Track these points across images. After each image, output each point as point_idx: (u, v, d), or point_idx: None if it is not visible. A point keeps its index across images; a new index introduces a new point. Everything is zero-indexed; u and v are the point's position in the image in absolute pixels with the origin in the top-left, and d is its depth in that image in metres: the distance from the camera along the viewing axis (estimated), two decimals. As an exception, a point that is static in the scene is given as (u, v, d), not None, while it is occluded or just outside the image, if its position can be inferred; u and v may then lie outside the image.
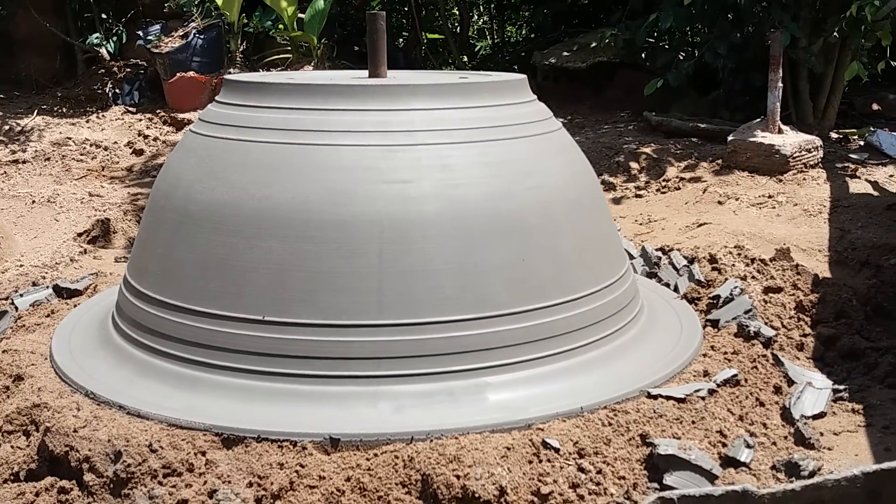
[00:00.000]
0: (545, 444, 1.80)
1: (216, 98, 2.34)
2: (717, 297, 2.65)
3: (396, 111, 2.10)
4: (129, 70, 6.45)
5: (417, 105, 2.12)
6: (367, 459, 1.77)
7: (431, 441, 1.79)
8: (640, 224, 3.90)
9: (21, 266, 3.18)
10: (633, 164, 4.63)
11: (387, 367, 1.95)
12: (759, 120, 4.52)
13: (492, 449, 1.77)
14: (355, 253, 1.98)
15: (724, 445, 1.93)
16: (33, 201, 4.01)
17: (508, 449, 1.77)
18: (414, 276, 1.98)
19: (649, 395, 2.02)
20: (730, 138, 4.48)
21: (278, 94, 2.15)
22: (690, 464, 1.80)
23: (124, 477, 1.77)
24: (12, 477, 1.88)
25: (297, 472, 1.75)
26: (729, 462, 1.89)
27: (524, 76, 2.42)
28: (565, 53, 6.35)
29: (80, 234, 3.53)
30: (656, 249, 3.17)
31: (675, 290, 2.82)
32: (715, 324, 2.51)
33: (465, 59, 7.85)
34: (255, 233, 2.02)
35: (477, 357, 1.99)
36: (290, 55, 6.42)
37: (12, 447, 1.92)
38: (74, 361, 2.18)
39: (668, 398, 2.01)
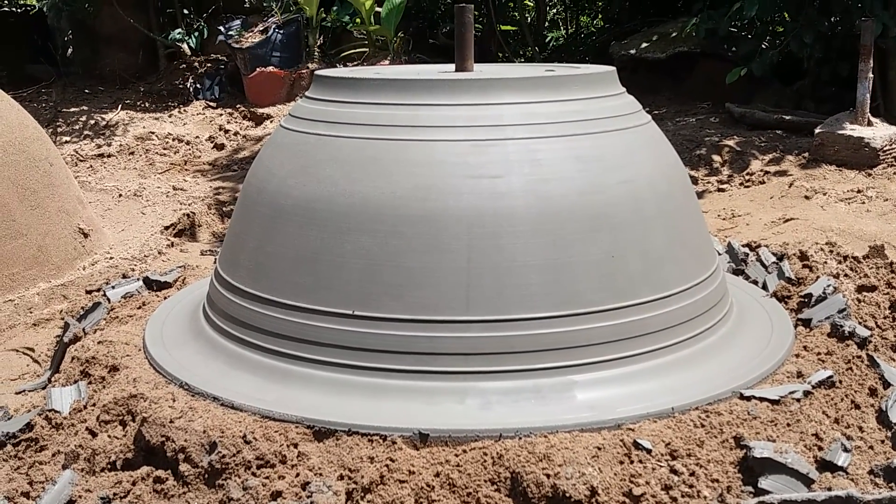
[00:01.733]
0: (636, 445, 1.77)
1: (306, 94, 2.37)
2: (809, 295, 2.57)
3: (486, 105, 2.09)
4: (209, 65, 6.58)
5: (507, 99, 2.11)
6: (456, 455, 1.77)
7: (520, 439, 1.78)
8: (724, 219, 3.82)
9: (111, 258, 3.28)
10: (716, 157, 4.54)
11: (474, 363, 1.94)
12: (847, 112, 4.38)
13: (582, 448, 1.75)
14: (444, 248, 1.98)
15: (820, 449, 1.88)
16: (120, 195, 4.13)
17: (599, 449, 1.75)
18: (502, 272, 1.97)
19: (742, 397, 1.98)
20: (817, 131, 4.35)
21: (369, 89, 2.16)
22: (786, 467, 1.76)
23: (219, 468, 1.80)
24: (109, 466, 1.93)
25: (387, 466, 1.76)
26: (825, 466, 1.83)
27: (613, 68, 2.39)
28: (644, 44, 6.25)
29: (166, 228, 3.61)
30: (743, 245, 3.10)
31: (764, 287, 2.75)
32: (807, 323, 2.44)
33: (538, 49, 7.79)
34: (346, 227, 2.03)
35: (564, 355, 1.97)
36: (367, 49, 6.46)
37: (109, 436, 1.98)
38: (168, 353, 2.24)
39: (762, 400, 1.96)
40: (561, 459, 1.72)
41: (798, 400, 1.98)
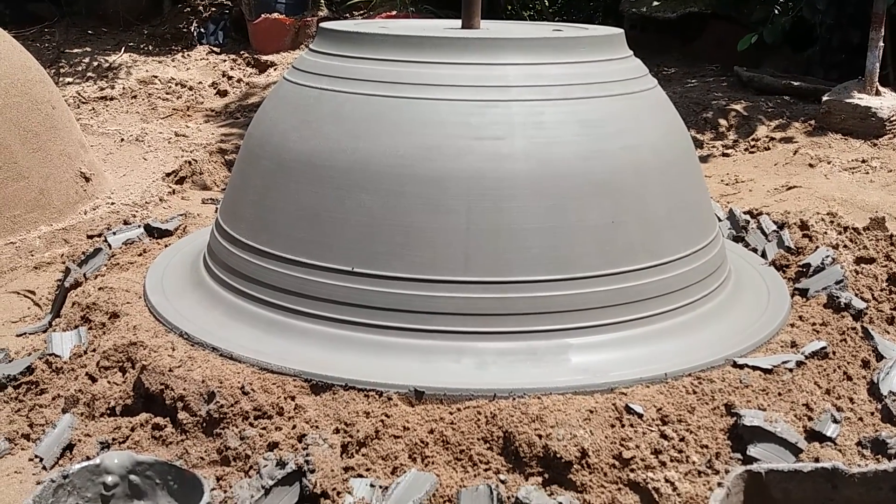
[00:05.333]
0: (628, 409, 1.80)
1: (310, 46, 2.35)
2: (808, 265, 2.58)
3: (491, 66, 2.08)
4: (214, 9, 6.51)
5: (512, 60, 2.09)
6: (451, 413, 1.80)
7: (514, 399, 1.80)
8: (727, 184, 3.81)
9: (112, 204, 3.28)
10: (722, 122, 4.51)
11: (471, 323, 1.96)
12: (855, 80, 4.34)
13: (574, 411, 1.77)
14: (444, 209, 1.98)
15: (810, 419, 1.90)
16: (122, 139, 4.12)
17: (591, 412, 1.78)
18: (502, 234, 1.98)
19: (735, 365, 2.00)
20: (824, 98, 4.32)
21: (373, 44, 2.14)
22: (775, 436, 1.78)
23: (217, 417, 1.83)
24: (109, 411, 1.96)
25: (382, 421, 1.79)
26: (814, 436, 1.86)
27: (621, 31, 2.37)
28: (655, 3, 6.17)
29: (168, 175, 3.61)
30: (744, 213, 3.10)
31: (763, 256, 2.76)
32: (804, 293, 2.45)
33: (548, 3, 7.68)
34: (347, 184, 2.04)
35: (560, 318, 1.99)
36: (374, -2, 6.39)
37: (109, 382, 2.00)
38: (168, 301, 2.25)
39: (755, 368, 1.98)
40: (553, 421, 1.75)
41: (790, 370, 2.00)
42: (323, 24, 2.34)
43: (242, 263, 2.18)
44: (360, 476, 1.72)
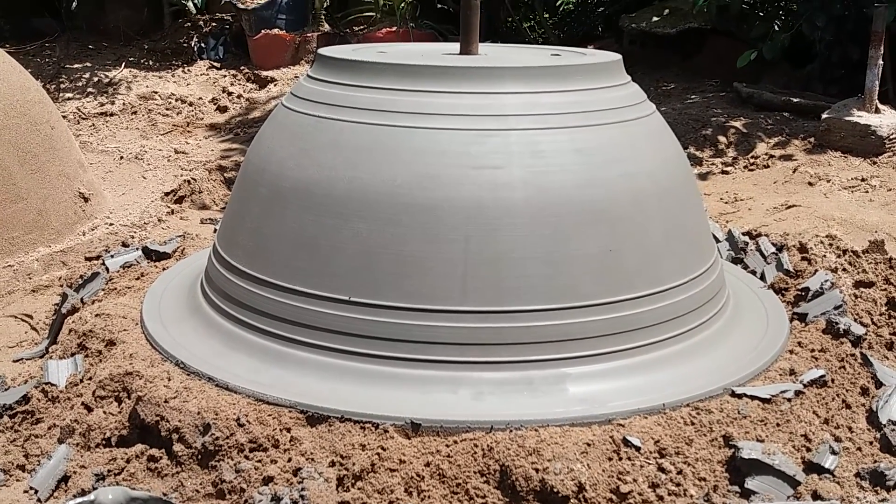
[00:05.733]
0: (626, 442, 1.79)
1: (308, 72, 2.35)
2: (807, 289, 2.57)
3: (489, 94, 2.08)
4: (214, 24, 6.52)
5: (510, 88, 2.09)
6: (447, 446, 1.79)
7: (511, 431, 1.80)
8: (726, 203, 3.81)
9: (111, 224, 3.28)
10: (721, 138, 4.51)
11: (468, 353, 1.96)
12: (855, 98, 4.34)
13: (572, 444, 1.77)
14: (442, 238, 1.98)
15: (809, 450, 1.89)
16: (121, 157, 4.12)
17: (588, 445, 1.77)
18: (499, 263, 1.98)
19: (733, 394, 1.99)
20: (824, 116, 4.32)
21: (371, 73, 2.14)
22: (774, 469, 1.77)
23: (212, 449, 1.82)
24: (104, 442, 1.95)
25: (378, 454, 1.78)
26: (812, 468, 1.85)
27: (619, 57, 2.37)
28: (655, 18, 6.17)
29: (166, 194, 3.61)
30: (743, 234, 3.09)
31: (762, 278, 2.75)
32: (802, 318, 2.44)
33: (548, 15, 7.70)
34: (344, 213, 2.03)
35: (558, 347, 1.98)
36: (374, 13, 6.39)
37: (104, 412, 2.00)
38: (165, 329, 2.25)
39: (753, 398, 1.98)
40: (550, 454, 1.74)
41: (789, 399, 1.99)
42: (321, 51, 2.34)
43: (239, 291, 2.18)
44: (356, 510, 1.71)
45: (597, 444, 1.78)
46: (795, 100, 4.96)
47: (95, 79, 5.67)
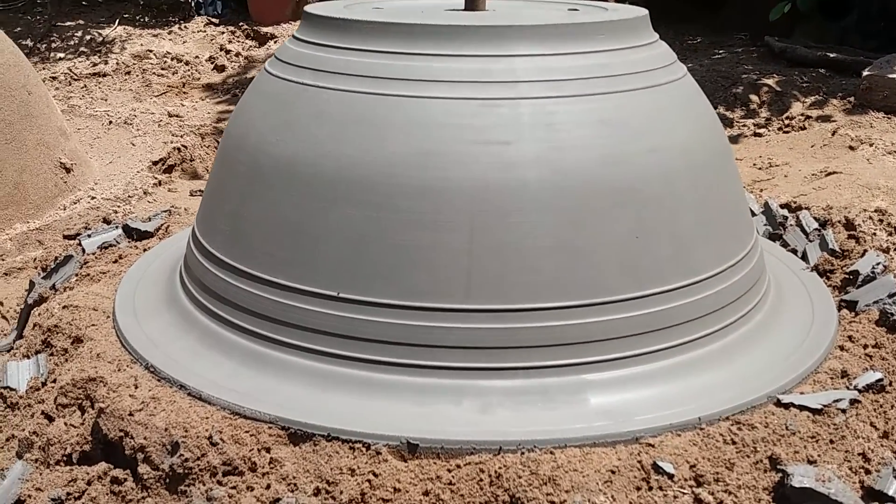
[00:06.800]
0: (656, 468, 1.54)
1: (294, 33, 2.07)
2: (856, 273, 2.29)
3: (497, 57, 1.80)
4: (214, -23, 6.19)
5: (521, 51, 1.81)
6: (449, 471, 1.55)
7: (523, 454, 1.55)
8: (760, 169, 3.51)
9: (93, 198, 3.04)
10: (753, 97, 4.19)
11: (474, 358, 1.70)
12: (899, 52, 4.01)
13: (593, 471, 1.52)
14: (443, 226, 1.72)
15: (868, 472, 1.64)
16: (110, 122, 3.86)
17: (612, 472, 1.52)
18: (509, 254, 1.71)
19: (779, 403, 1.73)
20: (865, 73, 3.98)
21: (361, 33, 1.87)
22: (830, 500, 1.52)
23: (181, 472, 1.59)
24: (65, 459, 1.73)
25: (369, 481, 1.54)
26: (874, 495, 1.60)
27: (645, 12, 2.07)
28: (679, -33, 5.79)
29: (155, 163, 3.36)
30: (782, 206, 2.81)
31: (805, 258, 2.47)
32: (852, 306, 2.17)
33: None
34: (331, 196, 1.77)
35: (577, 350, 1.73)
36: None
37: (66, 424, 1.77)
38: (138, 324, 2.01)
39: (802, 408, 1.72)
40: (568, 484, 1.50)
41: (843, 410, 1.73)
42: (308, 8, 2.06)
43: (217, 282, 1.93)
44: (343, 549, 1.48)
45: (622, 470, 1.53)
46: (832, 55, 4.61)
47: (88, 37, 5.38)
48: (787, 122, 3.92)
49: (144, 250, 2.52)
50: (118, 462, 1.68)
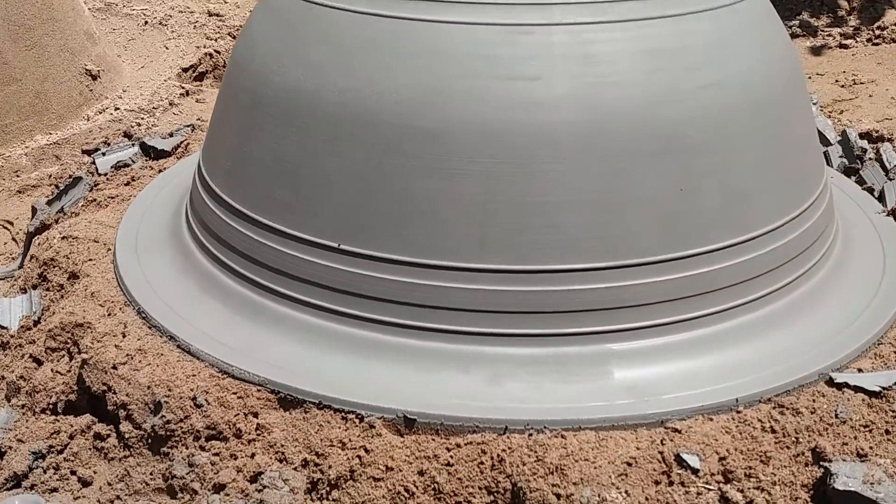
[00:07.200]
0: (679, 461, 1.36)
1: (303, -60, 1.84)
2: (939, 222, 2.02)
3: (526, -25, 1.54)
4: None
5: (555, -34, 1.55)
6: (448, 450, 1.40)
7: (530, 436, 1.39)
8: (842, 86, 3.16)
9: (117, 109, 2.89)
10: (843, 2, 3.77)
11: (485, 322, 1.53)
12: None
13: (606, 462, 1.35)
14: (455, 173, 1.51)
15: (929, 471, 1.44)
16: (146, 22, 3.68)
17: (629, 464, 1.35)
18: (530, 208, 1.51)
19: (831, 382, 1.52)
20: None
21: (372, -57, 1.62)
22: (878, 506, 1.33)
23: (163, 434, 1.48)
24: (51, 407, 1.64)
25: (359, 457, 1.41)
26: (934, 500, 1.40)
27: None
28: None
29: (185, 70, 3.18)
30: (861, 136, 2.51)
31: (881, 200, 2.19)
32: (932, 262, 1.91)
33: None
34: (333, 135, 1.58)
35: (602, 317, 1.53)
36: None
37: (52, 371, 1.67)
38: (137, 261, 1.88)
39: (857, 390, 1.51)
40: (577, 476, 1.33)
41: (906, 395, 1.51)
42: None
43: (217, 222, 1.78)
44: (326, 534, 1.36)
45: (640, 462, 1.36)
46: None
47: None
48: (877, 32, 3.51)
49: (160, 171, 2.38)
50: (102, 416, 1.58)
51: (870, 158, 2.39)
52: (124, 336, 1.65)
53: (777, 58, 1.74)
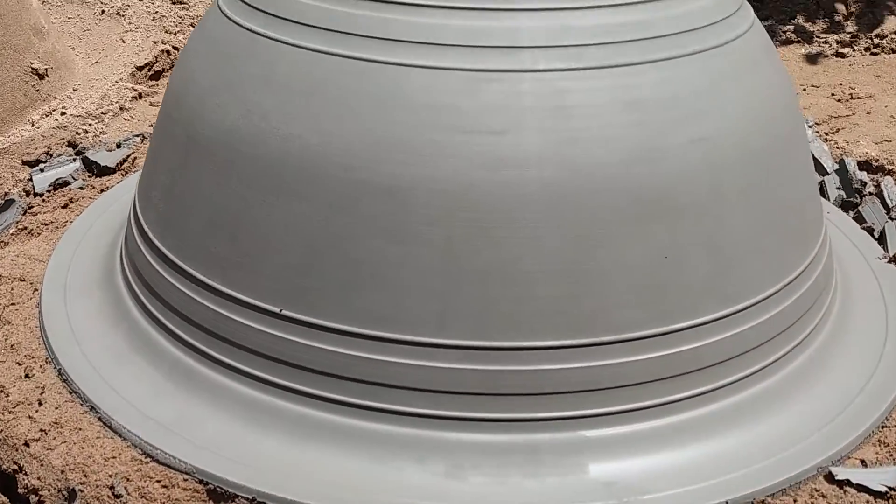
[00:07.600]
0: (658, 584, 1.20)
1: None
2: (946, 273, 1.86)
3: (494, 12, 1.36)
4: None
5: (526, 3, 1.36)
6: (397, 561, 1.23)
7: (491, 547, 1.22)
8: (839, 100, 2.98)
9: (63, 114, 2.68)
10: (839, 6, 3.58)
11: (444, 404, 1.36)
12: None
13: (576, 585, 1.19)
14: (413, 237, 1.33)
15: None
16: (103, 11, 3.45)
17: (600, 587, 1.19)
18: (496, 278, 1.33)
19: (830, 477, 1.37)
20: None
21: (323, -31, 1.43)
22: None
23: (76, 529, 1.31)
24: (-44, 485, 1.46)
25: (296, 567, 1.24)
26: None
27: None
28: None
29: (139, 68, 2.97)
30: (860, 166, 2.34)
31: (882, 242, 2.03)
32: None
33: None
34: (276, 187, 1.40)
35: (575, 401, 1.37)
36: None
37: (-40, 442, 1.49)
38: (64, 306, 1.70)
39: (861, 489, 1.35)
40: None
41: (913, 496, 1.36)
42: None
43: (148, 270, 1.60)
44: None
45: (613, 583, 1.20)
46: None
47: None
48: (876, 41, 3.34)
49: (101, 191, 2.18)
50: (14, 498, 1.41)
51: (869, 193, 2.23)
52: (41, 404, 1.47)
53: (775, 104, 1.56)
